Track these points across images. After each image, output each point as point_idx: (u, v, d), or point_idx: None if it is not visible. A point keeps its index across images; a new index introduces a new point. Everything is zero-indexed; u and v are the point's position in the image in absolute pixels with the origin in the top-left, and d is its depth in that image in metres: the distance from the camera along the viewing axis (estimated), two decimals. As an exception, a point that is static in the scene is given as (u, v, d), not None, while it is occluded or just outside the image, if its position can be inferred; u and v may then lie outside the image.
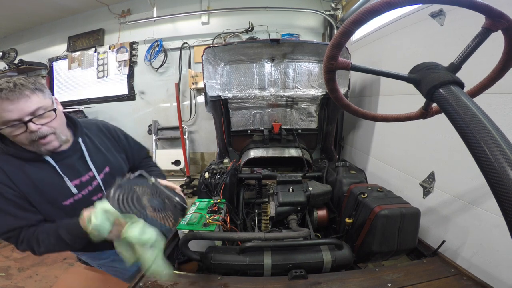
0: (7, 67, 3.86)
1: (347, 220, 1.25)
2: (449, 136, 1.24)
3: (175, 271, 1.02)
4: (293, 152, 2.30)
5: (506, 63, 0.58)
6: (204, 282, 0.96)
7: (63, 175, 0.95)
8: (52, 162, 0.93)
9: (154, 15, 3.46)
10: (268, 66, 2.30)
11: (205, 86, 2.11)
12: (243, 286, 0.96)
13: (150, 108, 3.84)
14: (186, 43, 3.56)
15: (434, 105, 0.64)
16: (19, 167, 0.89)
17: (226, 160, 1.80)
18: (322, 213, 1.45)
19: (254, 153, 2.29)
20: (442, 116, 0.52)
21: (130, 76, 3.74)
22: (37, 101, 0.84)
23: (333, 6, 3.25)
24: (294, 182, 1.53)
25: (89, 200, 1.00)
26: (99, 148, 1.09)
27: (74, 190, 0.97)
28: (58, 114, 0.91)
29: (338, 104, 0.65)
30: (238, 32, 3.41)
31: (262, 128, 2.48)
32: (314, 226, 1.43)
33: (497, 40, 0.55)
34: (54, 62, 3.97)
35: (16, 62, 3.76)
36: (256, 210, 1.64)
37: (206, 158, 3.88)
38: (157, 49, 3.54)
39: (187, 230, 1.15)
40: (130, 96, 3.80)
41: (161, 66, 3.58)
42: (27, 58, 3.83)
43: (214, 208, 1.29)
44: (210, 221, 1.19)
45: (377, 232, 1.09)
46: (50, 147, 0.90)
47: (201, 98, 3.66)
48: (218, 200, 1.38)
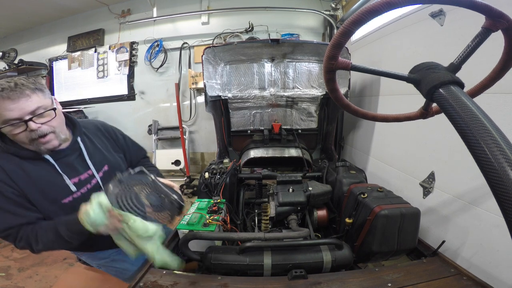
0: (7, 67, 3.86)
1: (347, 220, 1.25)
2: (449, 136, 1.24)
3: (175, 271, 1.02)
4: (293, 152, 2.29)
5: (506, 63, 0.58)
6: (204, 282, 0.96)
7: (62, 173, 0.96)
8: (51, 160, 0.94)
9: (154, 15, 3.46)
10: (268, 66, 2.30)
11: (205, 86, 2.11)
12: (243, 286, 0.95)
13: (150, 108, 3.84)
14: (186, 43, 3.56)
15: (434, 105, 0.65)
16: (19, 166, 0.89)
17: (226, 160, 1.80)
18: (322, 213, 1.45)
19: (254, 153, 2.29)
20: (442, 116, 0.52)
21: (130, 76, 3.74)
22: (37, 100, 0.85)
23: (333, 6, 3.25)
24: (294, 182, 1.53)
25: (88, 198, 1.00)
26: (98, 147, 1.10)
27: (73, 188, 0.98)
28: (58, 113, 0.93)
29: (338, 104, 0.65)
30: (238, 32, 3.41)
31: (262, 128, 2.48)
32: (314, 226, 1.43)
33: (497, 40, 0.55)
34: (54, 62, 3.97)
35: (16, 62, 3.76)
36: (256, 210, 1.63)
37: (206, 158, 3.88)
38: (157, 49, 3.54)
39: (187, 230, 1.15)
40: (130, 96, 3.80)
41: (161, 66, 3.58)
42: (27, 58, 3.83)
43: (214, 208, 1.29)
44: (210, 221, 1.19)
45: (377, 232, 1.09)
46: (49, 146, 0.91)
47: (201, 98, 3.66)
48: (218, 200, 1.38)
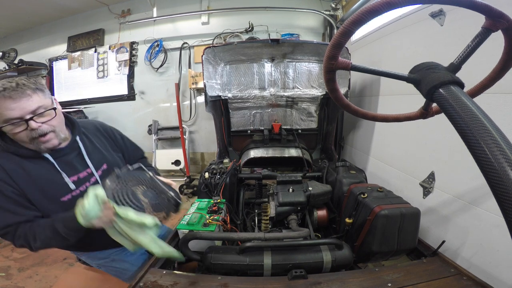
0: (7, 67, 3.86)
1: (347, 220, 1.25)
2: (449, 136, 1.24)
3: (175, 271, 1.02)
4: (293, 152, 2.29)
5: (506, 63, 0.58)
6: (204, 282, 0.96)
7: (61, 171, 0.97)
8: (50, 159, 0.95)
9: (154, 15, 3.46)
10: (268, 66, 2.30)
11: (205, 86, 2.11)
12: (243, 286, 0.96)
13: (150, 108, 3.84)
14: (186, 43, 3.56)
15: (434, 105, 0.65)
16: (19, 164, 0.91)
17: (226, 160, 1.80)
18: (322, 213, 1.45)
19: (254, 153, 2.29)
20: (442, 116, 0.52)
21: (130, 76, 3.74)
22: (38, 100, 0.87)
23: (333, 6, 3.25)
24: (294, 182, 1.53)
25: None
26: (97, 146, 1.12)
27: (72, 186, 0.99)
28: (58, 113, 0.95)
29: (338, 104, 0.65)
30: (238, 32, 3.41)
31: (262, 128, 2.48)
32: (314, 226, 1.43)
33: (497, 40, 0.55)
34: (54, 62, 3.97)
35: (16, 62, 3.76)
36: (256, 210, 1.63)
37: (206, 158, 3.88)
38: (157, 49, 3.54)
39: (187, 230, 1.15)
40: (130, 96, 3.80)
41: (161, 66, 3.58)
42: (27, 58, 3.83)
43: (214, 208, 1.29)
44: (210, 221, 1.19)
45: (377, 232, 1.09)
46: (49, 145, 0.93)
47: (201, 98, 3.66)
48: (218, 200, 1.38)
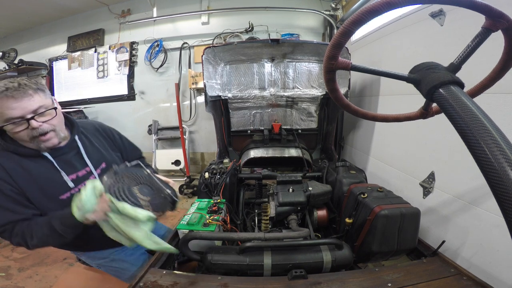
0: (7, 67, 3.86)
1: (347, 220, 1.25)
2: (449, 136, 1.24)
3: (175, 271, 1.02)
4: (293, 152, 2.29)
5: (506, 63, 0.58)
6: (204, 282, 0.96)
7: (60, 170, 0.98)
8: (49, 157, 0.96)
9: (154, 15, 3.46)
10: (268, 66, 2.30)
11: (205, 86, 2.11)
12: (243, 286, 0.95)
13: (150, 108, 3.84)
14: (186, 43, 3.56)
15: (434, 105, 0.64)
16: (18, 163, 0.92)
17: (226, 160, 1.80)
18: (322, 213, 1.45)
19: (254, 153, 2.29)
20: (442, 116, 0.52)
21: (130, 76, 3.74)
22: (39, 100, 0.89)
23: (333, 6, 3.25)
24: (294, 182, 1.53)
25: None
26: (96, 145, 1.13)
27: (71, 184, 1.00)
28: (58, 112, 0.96)
29: (338, 104, 0.65)
30: (238, 32, 3.40)
31: (262, 128, 2.48)
32: (314, 226, 1.43)
33: (497, 40, 0.55)
34: (54, 62, 3.97)
35: (16, 62, 3.76)
36: (256, 210, 1.63)
37: (206, 158, 3.88)
38: (157, 49, 3.54)
39: (187, 230, 1.15)
40: (130, 96, 3.80)
41: (161, 66, 3.58)
42: (27, 58, 3.83)
43: (214, 208, 1.29)
44: (210, 221, 1.19)
45: (377, 232, 1.09)
46: (49, 144, 0.94)
47: (201, 98, 3.66)
48: (218, 200, 1.38)
